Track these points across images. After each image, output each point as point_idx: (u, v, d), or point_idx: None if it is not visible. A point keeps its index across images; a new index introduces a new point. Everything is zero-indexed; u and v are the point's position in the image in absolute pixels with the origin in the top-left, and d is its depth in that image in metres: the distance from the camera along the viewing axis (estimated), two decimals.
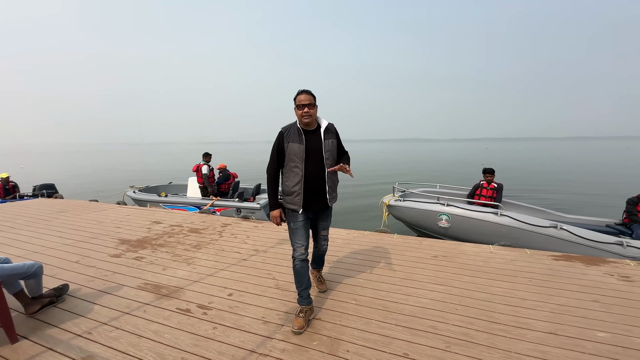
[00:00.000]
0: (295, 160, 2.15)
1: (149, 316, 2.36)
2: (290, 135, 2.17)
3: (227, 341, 2.06)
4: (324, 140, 2.21)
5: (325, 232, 2.47)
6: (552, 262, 3.36)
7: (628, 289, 2.73)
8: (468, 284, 2.85)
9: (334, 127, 2.33)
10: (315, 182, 2.19)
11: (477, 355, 1.91)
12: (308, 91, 2.15)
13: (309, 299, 2.32)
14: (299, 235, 2.25)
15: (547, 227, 4.64)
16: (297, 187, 2.17)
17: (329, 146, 2.22)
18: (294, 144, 2.14)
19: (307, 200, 2.21)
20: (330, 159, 2.22)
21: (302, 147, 2.14)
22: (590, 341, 2.04)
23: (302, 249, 2.25)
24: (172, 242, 4.10)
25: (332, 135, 2.28)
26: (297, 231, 2.25)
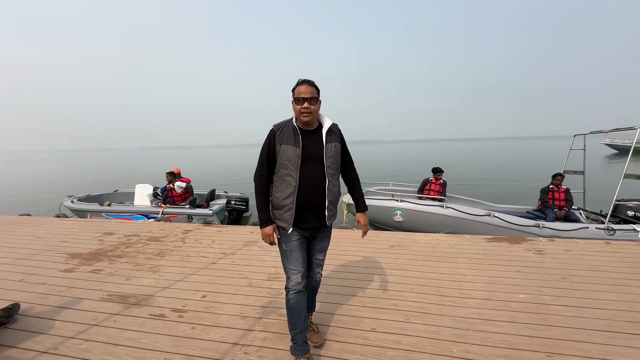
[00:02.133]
0: (288, 167, 1.74)
1: (121, 325, 2.32)
2: (284, 135, 1.76)
3: (208, 338, 2.15)
4: (326, 144, 1.79)
5: (321, 256, 1.99)
6: (485, 243, 3.98)
7: (541, 260, 3.39)
8: (420, 267, 3.27)
9: (339, 129, 1.91)
10: (312, 196, 1.77)
11: (431, 322, 2.28)
12: (310, 82, 1.73)
13: (306, 346, 1.84)
14: (293, 258, 1.81)
15: (482, 216, 5.41)
16: (289, 200, 1.75)
17: (331, 151, 1.80)
18: (288, 147, 1.73)
19: (299, 217, 1.79)
20: (333, 167, 1.81)
21: (297, 151, 1.73)
22: (514, 302, 2.54)
23: (297, 276, 1.80)
24: (131, 252, 3.92)
25: (336, 139, 1.86)
26: (291, 254, 1.81)
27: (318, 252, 1.97)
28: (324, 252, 2.00)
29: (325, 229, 1.92)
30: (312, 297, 2.11)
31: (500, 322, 2.27)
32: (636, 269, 3.08)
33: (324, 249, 1.98)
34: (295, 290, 1.79)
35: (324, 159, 1.78)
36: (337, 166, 1.87)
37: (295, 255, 1.81)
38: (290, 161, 1.74)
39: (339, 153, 1.88)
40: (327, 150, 1.79)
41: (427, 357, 1.91)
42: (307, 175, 1.75)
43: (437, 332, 2.15)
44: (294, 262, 1.81)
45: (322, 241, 1.95)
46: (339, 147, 1.88)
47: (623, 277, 2.91)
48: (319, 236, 1.93)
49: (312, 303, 2.15)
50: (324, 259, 2.03)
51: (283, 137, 1.76)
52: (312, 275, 2.04)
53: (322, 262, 2.03)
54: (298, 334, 1.81)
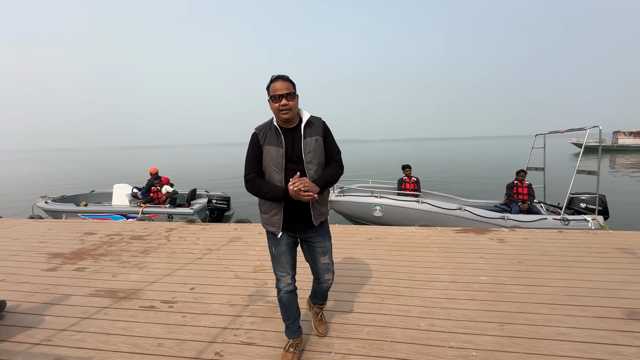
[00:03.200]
0: (272, 169, 1.69)
1: (113, 317, 2.43)
2: (266, 136, 1.70)
3: (199, 324, 2.30)
4: (304, 138, 1.70)
5: (327, 259, 1.87)
6: (455, 234, 4.33)
7: (501, 247, 3.77)
8: (396, 257, 3.55)
9: (321, 122, 1.79)
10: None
11: (402, 302, 2.55)
12: (285, 77, 1.64)
13: (299, 331, 1.94)
14: (282, 262, 1.80)
15: (454, 210, 5.83)
16: (276, 203, 1.71)
17: (311, 146, 1.70)
18: (271, 148, 1.68)
19: (288, 220, 1.74)
20: (314, 162, 1.71)
21: (280, 152, 1.67)
22: (476, 283, 2.86)
23: (287, 278, 1.81)
24: (115, 250, 3.96)
25: (317, 131, 1.74)
26: (280, 258, 1.80)
27: (321, 255, 1.85)
28: (328, 255, 1.87)
29: (319, 229, 1.82)
30: (321, 295, 2.05)
31: (463, 300, 2.57)
32: (580, 253, 3.51)
33: (326, 251, 1.86)
34: (285, 290, 1.82)
35: (302, 155, 1.70)
36: (320, 161, 1.74)
37: (284, 259, 1.80)
38: (274, 162, 1.68)
39: (321, 146, 1.75)
40: (306, 144, 1.70)
41: (398, 331, 2.17)
42: (292, 175, 1.63)
43: (408, 311, 2.42)
44: (283, 266, 1.81)
45: (322, 242, 1.84)
46: (321, 141, 1.75)
47: (569, 260, 3.32)
48: (315, 236, 1.82)
49: (323, 298, 2.09)
50: (331, 262, 1.89)
51: (266, 139, 1.71)
52: (321, 282, 1.92)
53: (329, 266, 1.88)
54: (292, 323, 1.91)
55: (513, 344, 2.01)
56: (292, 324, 1.92)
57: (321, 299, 2.10)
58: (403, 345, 2.02)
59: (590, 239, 3.99)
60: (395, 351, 1.97)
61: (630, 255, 3.41)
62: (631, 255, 3.40)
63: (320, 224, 1.82)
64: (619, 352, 1.91)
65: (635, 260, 3.26)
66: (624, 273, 2.98)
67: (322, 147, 1.77)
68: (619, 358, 1.87)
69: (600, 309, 2.38)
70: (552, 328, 2.16)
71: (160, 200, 6.87)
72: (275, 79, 1.64)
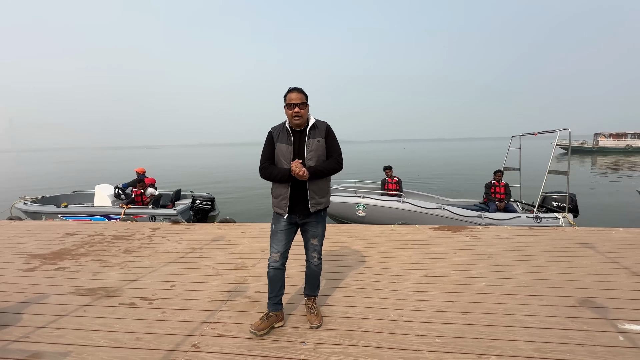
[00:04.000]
0: (282, 162, 2.06)
1: (92, 314, 2.47)
2: (279, 135, 2.10)
3: (177, 319, 2.37)
4: (308, 139, 2.07)
5: (316, 241, 2.22)
6: (432, 232, 4.51)
7: (474, 244, 3.96)
8: (374, 254, 3.68)
9: (325, 125, 2.15)
10: (302, 186, 2.06)
11: (376, 296, 2.68)
12: (299, 89, 2.02)
13: (277, 306, 2.22)
14: (277, 240, 2.15)
15: (434, 209, 6.03)
16: (284, 190, 2.07)
17: (312, 145, 2.06)
18: (282, 145, 2.07)
19: (293, 205, 2.09)
20: (314, 160, 2.06)
21: (289, 149, 2.06)
22: (446, 277, 3.02)
23: (277, 255, 2.14)
24: (97, 250, 3.96)
25: (320, 134, 2.10)
26: (277, 235, 2.15)
27: (312, 237, 2.21)
28: (318, 238, 2.21)
29: (315, 216, 2.15)
30: (313, 280, 2.32)
31: (432, 292, 2.72)
32: (546, 248, 3.73)
33: (317, 235, 2.20)
34: (272, 266, 2.16)
35: (305, 152, 2.05)
36: (320, 159, 2.08)
37: (280, 237, 2.14)
38: (284, 157, 2.07)
39: (323, 147, 2.10)
40: (309, 145, 2.07)
41: (368, 322, 2.29)
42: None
43: (379, 303, 2.55)
44: (277, 244, 2.14)
45: (315, 227, 2.18)
46: (323, 142, 2.10)
47: (535, 254, 3.53)
48: (311, 222, 2.16)
49: (315, 286, 2.35)
50: (319, 245, 2.24)
51: (279, 137, 2.10)
52: (309, 259, 2.28)
53: (317, 247, 2.23)
54: (273, 297, 2.21)
55: (473, 331, 2.16)
56: (273, 298, 2.21)
57: (311, 287, 2.35)
58: (372, 335, 2.14)
59: (557, 235, 4.23)
60: (364, 340, 2.09)
61: (590, 249, 3.64)
62: (591, 249, 3.64)
63: (317, 212, 2.14)
64: (567, 336, 2.08)
65: (594, 254, 3.49)
66: (582, 266, 3.20)
67: (324, 147, 2.11)
68: (567, 341, 2.04)
69: (557, 298, 2.57)
70: (511, 316, 2.33)
71: (145, 202, 6.83)
72: (292, 90, 2.02)
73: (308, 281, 2.36)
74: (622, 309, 2.39)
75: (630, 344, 1.99)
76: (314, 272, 2.31)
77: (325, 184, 2.15)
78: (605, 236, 4.08)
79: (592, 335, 2.08)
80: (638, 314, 2.31)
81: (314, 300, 2.38)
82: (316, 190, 2.09)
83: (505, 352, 1.94)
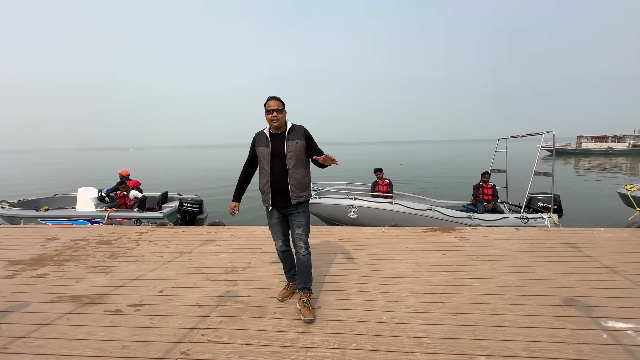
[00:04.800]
0: (262, 162, 2.38)
1: (75, 322, 2.38)
2: (260, 139, 2.42)
3: (166, 326, 2.31)
4: (287, 141, 2.35)
5: (300, 231, 2.43)
6: (422, 233, 4.56)
7: (463, 244, 4.02)
8: (364, 255, 3.69)
9: (302, 129, 2.44)
10: (281, 183, 2.35)
11: (367, 298, 2.68)
12: (277, 97, 2.33)
13: (294, 277, 2.72)
14: (275, 231, 2.53)
15: (425, 210, 6.09)
16: (266, 187, 2.38)
17: (292, 147, 2.34)
18: (262, 147, 2.38)
19: (275, 199, 2.39)
20: (294, 160, 2.35)
21: (267, 150, 2.35)
22: (436, 278, 3.06)
23: (279, 242, 2.55)
24: (80, 255, 3.84)
25: (298, 136, 2.39)
26: (273, 227, 2.53)
27: (297, 227, 2.43)
28: (302, 227, 2.43)
29: (298, 207, 2.42)
30: (303, 272, 2.46)
31: (423, 294, 2.74)
32: (532, 248, 3.82)
33: (301, 225, 2.43)
34: (280, 250, 2.59)
35: (285, 153, 2.34)
36: (299, 157, 2.38)
37: (276, 229, 2.52)
38: (264, 157, 2.37)
39: (302, 147, 2.38)
40: (289, 146, 2.35)
41: (361, 325, 2.29)
42: (276, 167, 2.36)
43: (371, 305, 2.55)
44: (276, 233, 2.54)
45: (298, 217, 2.43)
46: (302, 143, 2.38)
47: (521, 254, 3.61)
48: (294, 213, 2.43)
49: (307, 279, 2.47)
50: (303, 234, 2.44)
51: (259, 141, 2.42)
52: (297, 250, 2.45)
53: (302, 236, 2.43)
54: (288, 271, 2.72)
55: (464, 332, 2.19)
56: (288, 272, 2.72)
57: (303, 280, 2.47)
58: (364, 337, 2.14)
59: (542, 235, 4.35)
60: (356, 343, 2.09)
61: (574, 249, 3.75)
62: (575, 249, 3.75)
63: (299, 204, 2.42)
64: (554, 335, 2.13)
65: (577, 254, 3.60)
66: (566, 265, 3.29)
67: (303, 147, 2.39)
68: (553, 339, 2.09)
69: (543, 298, 2.63)
70: (500, 316, 2.37)
71: (128, 205, 6.64)
72: (271, 98, 2.32)
73: (299, 274, 2.49)
74: (605, 307, 2.46)
75: (614, 342, 2.05)
76: (303, 263, 2.46)
77: (304, 179, 2.43)
78: (587, 236, 4.21)
79: (578, 334, 2.14)
80: (620, 312, 2.39)
81: (310, 295, 2.48)
82: (296, 185, 2.37)
83: (496, 352, 1.97)
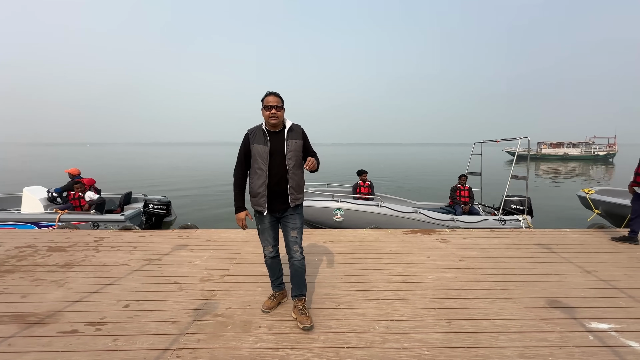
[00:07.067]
0: (259, 162, 2.17)
1: (20, 347, 2.01)
2: (255, 136, 2.20)
3: (133, 348, 2.01)
4: (287, 140, 2.20)
5: (296, 234, 2.29)
6: (404, 235, 4.54)
7: (444, 247, 4.04)
8: (349, 260, 3.57)
9: (300, 128, 2.31)
10: (280, 184, 2.19)
11: (357, 306, 2.55)
12: (276, 93, 2.16)
13: (280, 286, 2.52)
14: (266, 236, 2.32)
15: (411, 213, 6.10)
16: (262, 188, 2.17)
17: (292, 146, 2.20)
18: (259, 146, 2.17)
19: (271, 202, 2.20)
20: (294, 160, 2.21)
21: (266, 149, 2.16)
22: (424, 282, 3.00)
23: (269, 247, 2.35)
24: (27, 265, 3.34)
25: (297, 136, 2.25)
26: (264, 232, 2.32)
27: (292, 230, 2.28)
28: (297, 230, 2.29)
29: (294, 210, 2.28)
30: (297, 279, 2.32)
31: (414, 299, 2.67)
32: (509, 249, 3.93)
33: (296, 227, 2.28)
34: (269, 256, 2.39)
35: (285, 152, 2.18)
36: (298, 158, 2.25)
37: (267, 234, 2.32)
38: (261, 157, 2.16)
39: (300, 147, 2.26)
40: (288, 145, 2.20)
41: (354, 336, 2.15)
42: (274, 167, 2.17)
43: (363, 314, 2.43)
44: (267, 239, 2.34)
45: (293, 219, 2.28)
46: (300, 143, 2.26)
47: (500, 256, 3.68)
48: (290, 215, 2.28)
49: (301, 285, 2.33)
50: (299, 237, 2.30)
51: (255, 138, 2.20)
52: (292, 255, 2.30)
53: (297, 239, 2.29)
54: (275, 280, 2.49)
55: (459, 339, 2.12)
56: (275, 281, 2.50)
57: (298, 286, 2.33)
58: (359, 351, 2.00)
59: (516, 236, 4.50)
60: (351, 357, 1.94)
61: (547, 250, 3.91)
62: (548, 250, 3.91)
63: (296, 206, 2.29)
64: (545, 339, 2.14)
65: (551, 254, 3.74)
66: (543, 266, 3.40)
67: (301, 147, 2.27)
68: (545, 344, 2.09)
69: (528, 300, 2.66)
70: (491, 321, 2.35)
71: (84, 208, 5.96)
72: (270, 94, 2.16)
73: (294, 280, 2.34)
74: (585, 308, 2.53)
75: (601, 343, 2.09)
76: (298, 269, 2.32)
77: (302, 180, 2.31)
78: (556, 237, 4.42)
79: (567, 337, 2.16)
80: (600, 312, 2.47)
81: (304, 301, 2.35)
82: (295, 187, 2.24)
83: None
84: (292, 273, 2.34)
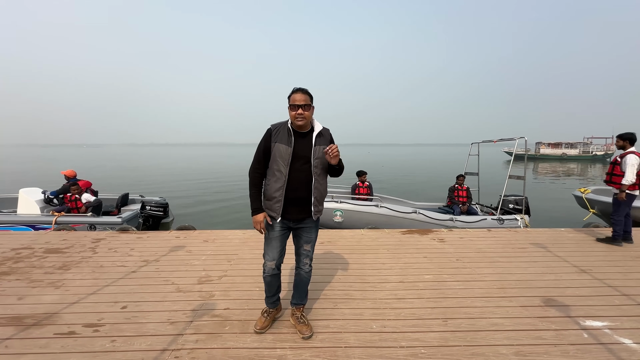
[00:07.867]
0: (279, 163, 1.94)
1: (16, 350, 2.00)
2: (279, 134, 1.97)
3: (131, 349, 2.02)
4: (315, 145, 1.98)
5: (309, 247, 2.15)
6: (401, 235, 4.56)
7: (442, 246, 4.07)
8: (347, 260, 3.59)
9: (329, 133, 2.10)
10: (299, 190, 1.98)
11: (355, 306, 2.56)
12: (304, 90, 1.93)
13: (275, 303, 2.27)
14: (273, 247, 2.07)
15: (410, 213, 6.13)
16: (278, 193, 1.96)
17: (319, 153, 1.98)
18: (281, 145, 1.94)
19: (286, 209, 1.99)
20: (320, 167, 2.00)
21: (289, 150, 1.93)
22: (421, 282, 3.02)
23: (272, 264, 2.09)
24: (23, 267, 3.32)
25: (325, 142, 2.03)
26: (272, 242, 2.07)
27: (305, 243, 2.14)
28: (311, 244, 2.16)
29: (310, 222, 2.10)
30: (302, 287, 2.23)
31: (410, 299, 2.68)
32: (505, 249, 3.96)
33: (310, 241, 2.14)
34: (268, 273, 2.12)
35: (311, 159, 1.97)
36: (325, 167, 2.04)
37: (275, 244, 2.07)
38: (282, 158, 1.94)
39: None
40: (315, 151, 1.98)
41: (351, 336, 2.16)
42: (296, 172, 1.96)
43: (360, 314, 2.44)
44: (272, 251, 2.08)
45: (309, 233, 2.12)
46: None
47: (496, 256, 3.71)
48: (305, 227, 2.10)
49: (303, 294, 2.25)
50: (311, 251, 2.18)
51: (278, 136, 1.97)
52: (301, 266, 2.20)
53: (309, 253, 2.17)
54: (271, 297, 2.24)
55: (456, 338, 2.14)
56: (271, 297, 2.24)
57: (300, 295, 2.24)
58: (357, 350, 2.02)
59: (512, 236, 4.54)
60: (349, 357, 1.95)
61: (543, 249, 3.94)
62: (544, 249, 3.94)
63: (317, 219, 2.12)
64: (541, 337, 2.16)
65: (547, 254, 3.78)
66: (539, 265, 3.43)
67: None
68: (540, 342, 2.11)
69: (524, 299, 2.69)
70: (487, 320, 2.37)
71: (80, 210, 5.93)
72: (297, 90, 1.92)
73: (297, 289, 2.25)
74: (580, 306, 2.56)
75: (595, 341, 2.11)
76: (304, 279, 2.22)
77: (325, 191, 2.11)
78: (552, 236, 4.46)
79: (562, 335, 2.18)
80: (594, 310, 2.50)
81: (303, 309, 2.28)
82: (318, 197, 2.04)
83: (489, 359, 1.94)
84: (296, 281, 2.23)
